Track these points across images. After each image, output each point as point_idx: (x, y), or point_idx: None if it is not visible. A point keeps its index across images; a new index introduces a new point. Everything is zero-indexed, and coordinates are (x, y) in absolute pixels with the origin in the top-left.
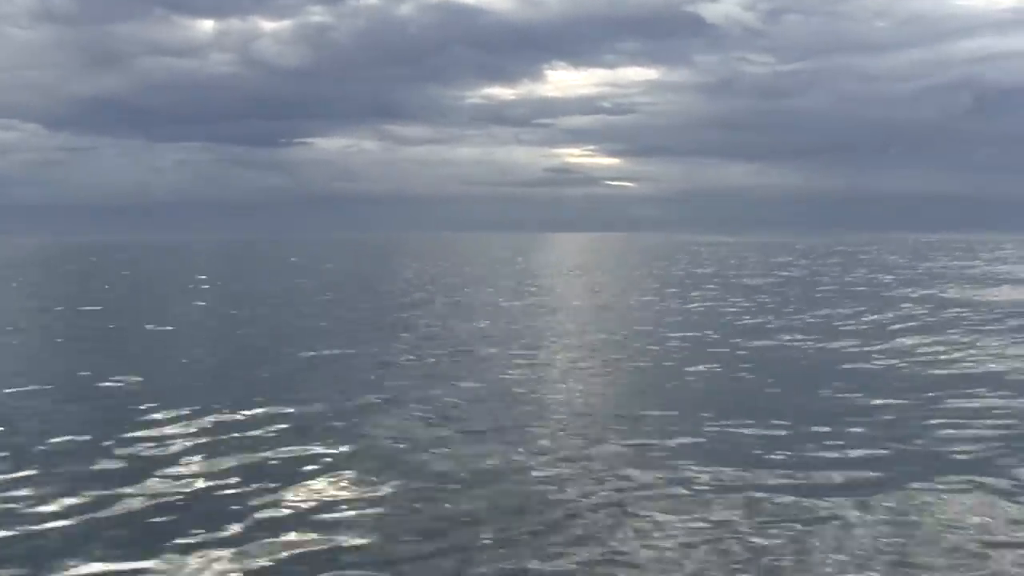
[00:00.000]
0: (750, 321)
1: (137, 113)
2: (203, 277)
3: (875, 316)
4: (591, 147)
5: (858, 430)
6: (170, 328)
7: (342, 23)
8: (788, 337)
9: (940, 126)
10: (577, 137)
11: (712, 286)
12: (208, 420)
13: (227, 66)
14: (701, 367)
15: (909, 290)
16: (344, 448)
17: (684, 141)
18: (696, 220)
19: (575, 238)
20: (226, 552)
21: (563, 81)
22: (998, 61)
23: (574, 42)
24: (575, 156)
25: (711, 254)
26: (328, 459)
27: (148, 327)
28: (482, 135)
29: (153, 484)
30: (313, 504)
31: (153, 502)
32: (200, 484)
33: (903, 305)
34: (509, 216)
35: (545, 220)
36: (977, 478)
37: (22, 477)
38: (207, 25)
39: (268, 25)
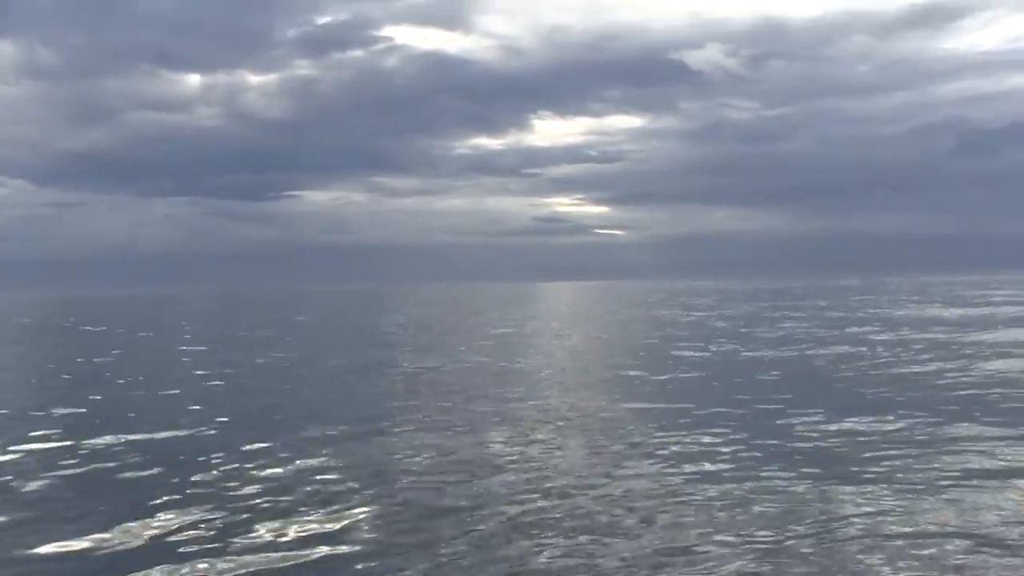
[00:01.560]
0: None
1: (125, 168)
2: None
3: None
4: (579, 195)
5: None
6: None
7: (328, 76)
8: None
9: (925, 167)
10: (565, 186)
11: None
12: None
13: (214, 120)
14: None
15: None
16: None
17: (671, 187)
18: (685, 265)
19: (565, 287)
20: None
21: (550, 130)
22: (982, 102)
23: (560, 91)
24: (564, 205)
25: (670, 299)
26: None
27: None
28: (471, 185)
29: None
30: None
31: None
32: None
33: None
34: (500, 266)
35: (536, 269)
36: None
37: None
38: (194, 79)
39: (254, 79)
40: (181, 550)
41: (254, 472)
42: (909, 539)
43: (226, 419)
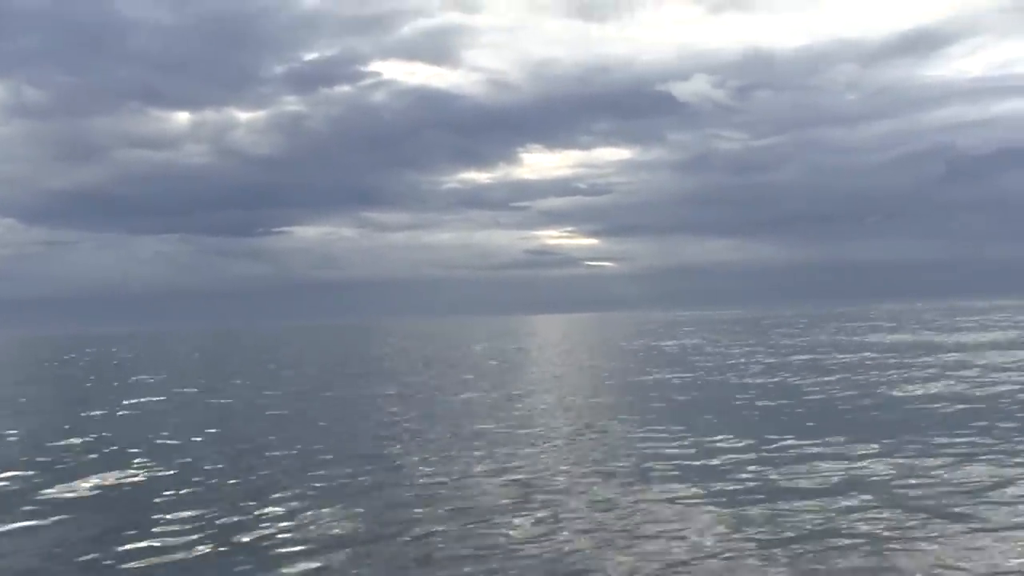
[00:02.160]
0: None
1: (114, 205)
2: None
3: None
4: (569, 228)
5: None
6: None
7: (316, 111)
8: None
9: (915, 194)
10: (555, 218)
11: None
12: None
13: (203, 157)
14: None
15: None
16: None
17: (661, 219)
18: (676, 296)
19: (556, 319)
20: None
21: (539, 163)
22: (969, 129)
23: (548, 124)
24: (554, 237)
25: (654, 328)
26: None
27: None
28: (460, 219)
29: None
30: None
31: None
32: None
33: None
34: (491, 299)
35: (527, 302)
36: None
37: None
38: (182, 117)
39: (243, 115)
40: None
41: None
42: None
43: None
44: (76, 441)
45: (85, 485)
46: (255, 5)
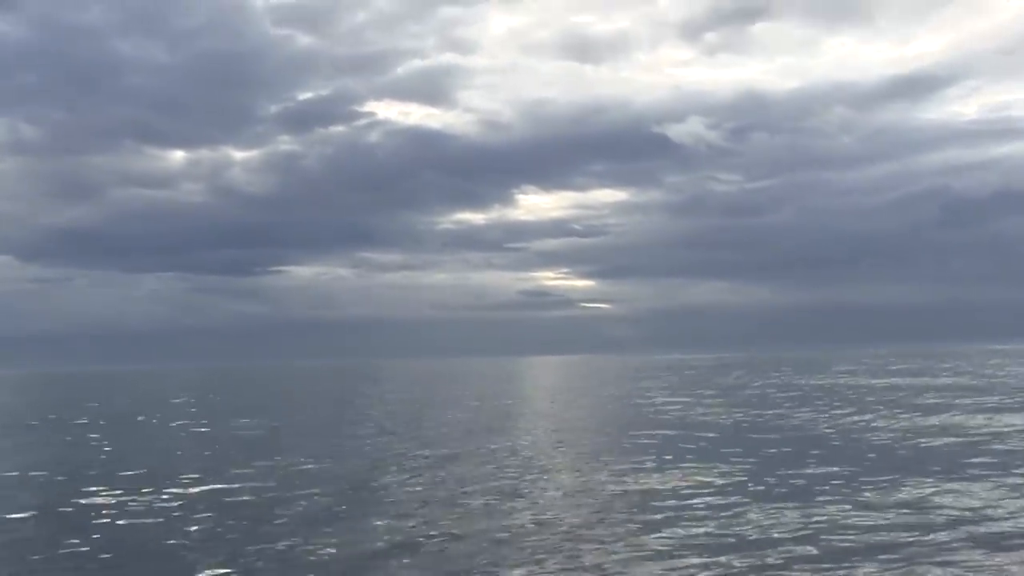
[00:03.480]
0: None
1: (110, 243)
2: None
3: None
4: (565, 269)
5: None
6: None
7: (311, 151)
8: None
9: (911, 237)
10: (550, 260)
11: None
12: None
13: (199, 196)
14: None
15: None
16: None
17: (656, 261)
18: (672, 339)
19: (551, 361)
20: None
21: (534, 204)
22: (965, 172)
23: (543, 165)
24: (550, 279)
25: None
26: None
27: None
28: (456, 260)
29: None
30: None
31: None
32: None
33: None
34: (487, 340)
35: (522, 343)
36: None
37: None
38: (177, 155)
39: (238, 154)
40: None
41: None
42: None
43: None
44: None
45: None
46: (249, 45)
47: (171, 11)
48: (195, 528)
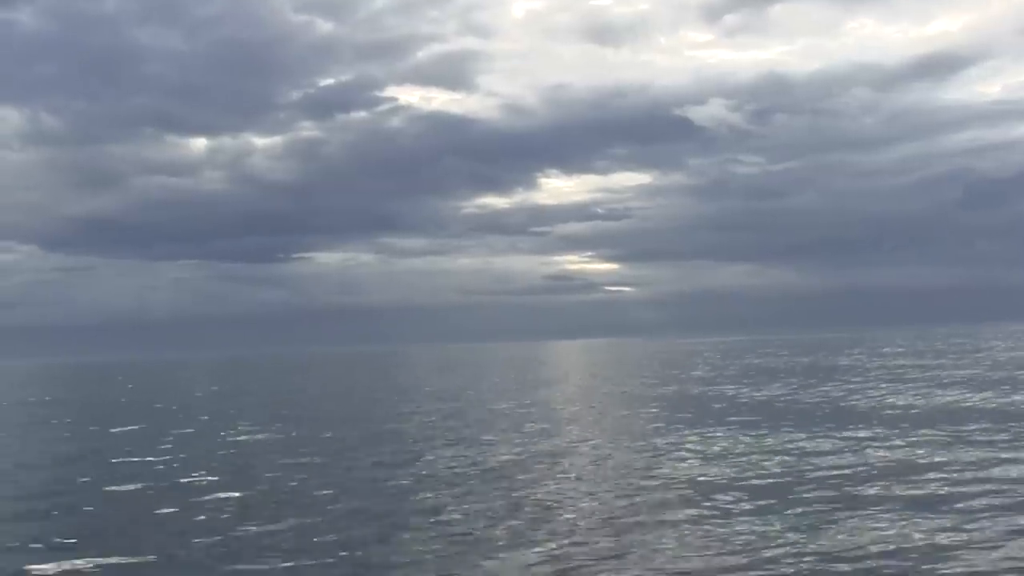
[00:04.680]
0: None
1: (132, 232)
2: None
3: None
4: (589, 253)
5: None
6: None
7: (333, 137)
8: None
9: (933, 219)
10: (574, 244)
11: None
12: None
13: (221, 183)
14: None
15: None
16: None
17: (680, 244)
18: (696, 322)
19: (576, 345)
20: None
21: (557, 188)
22: (987, 152)
23: (565, 149)
24: (573, 263)
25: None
26: None
27: None
28: (479, 245)
29: None
30: None
31: None
32: None
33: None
34: (510, 325)
35: (546, 328)
36: None
37: None
38: (199, 143)
39: (259, 141)
40: None
41: None
42: None
43: None
44: None
45: None
46: (269, 31)
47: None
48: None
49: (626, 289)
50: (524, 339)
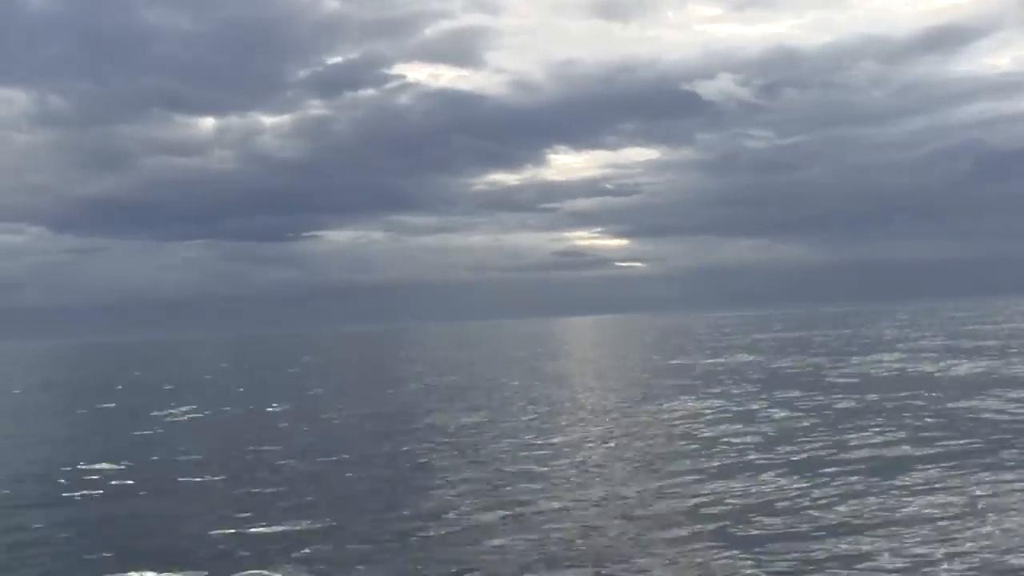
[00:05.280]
0: None
1: (142, 212)
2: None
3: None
4: (599, 229)
5: None
6: None
7: (341, 115)
8: None
9: (944, 192)
10: (584, 220)
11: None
12: None
13: (230, 163)
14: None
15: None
16: None
17: (690, 219)
18: (707, 297)
19: (587, 322)
20: None
21: (566, 164)
22: (999, 125)
23: (574, 125)
24: (583, 239)
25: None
26: None
27: None
28: (489, 221)
29: None
30: None
31: None
32: None
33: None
34: (521, 302)
35: (557, 304)
36: None
37: None
38: (207, 123)
39: (268, 120)
40: None
41: None
42: None
43: None
44: None
45: None
46: (276, 10)
47: None
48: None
49: (636, 264)
50: (534, 316)
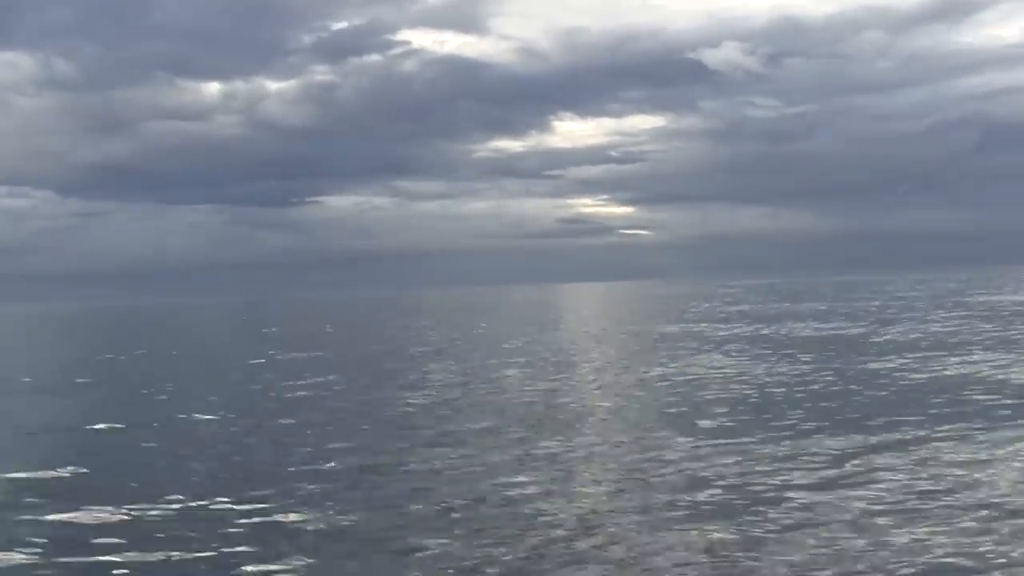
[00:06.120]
0: None
1: (147, 177)
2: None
3: None
4: (604, 196)
5: None
6: None
7: (347, 81)
8: None
9: (948, 163)
10: (588, 187)
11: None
12: None
13: (234, 128)
14: None
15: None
16: None
17: (695, 187)
18: (711, 265)
19: (591, 288)
20: None
21: (571, 131)
22: (1004, 96)
23: (579, 93)
24: (588, 206)
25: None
26: None
27: None
28: (493, 188)
29: None
30: None
31: None
32: None
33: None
34: (525, 269)
35: (561, 271)
36: None
37: None
38: (212, 88)
39: (273, 85)
40: None
41: None
42: None
43: None
44: None
45: None
46: None
47: None
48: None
49: (641, 232)
50: (539, 282)
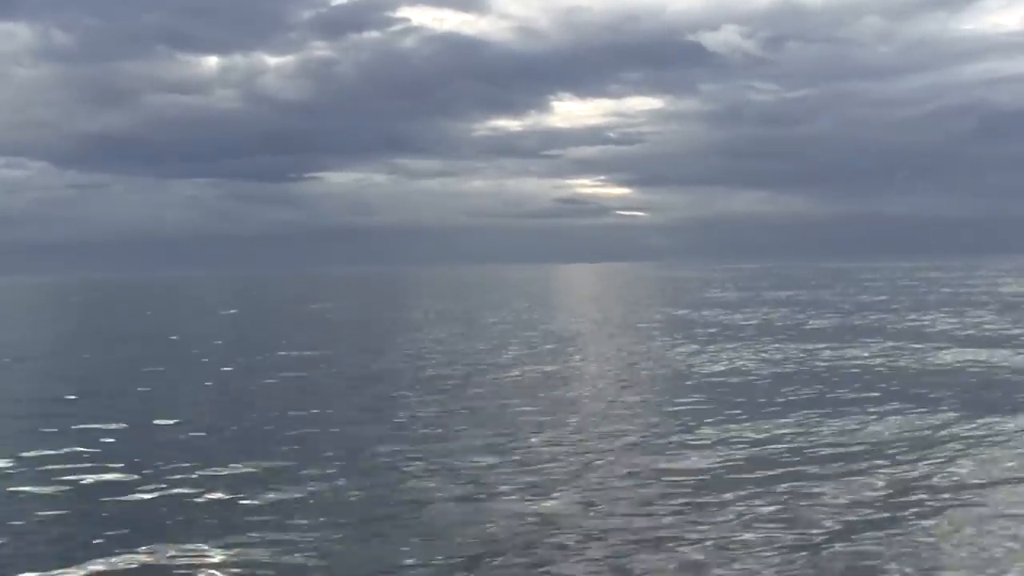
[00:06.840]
0: None
1: (145, 150)
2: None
3: None
4: (601, 177)
5: None
6: None
7: (346, 57)
8: None
9: (947, 150)
10: (586, 167)
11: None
12: None
13: (233, 102)
14: None
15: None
16: None
17: (693, 170)
18: (708, 248)
19: (587, 269)
20: None
21: (569, 112)
22: (1004, 84)
23: (578, 73)
24: (586, 186)
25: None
26: None
27: None
28: (492, 167)
29: None
30: None
31: None
32: None
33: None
34: (522, 248)
35: (558, 251)
36: None
37: None
38: (211, 61)
39: (272, 60)
40: None
41: None
42: None
43: None
44: None
45: None
46: None
47: None
48: None
49: (638, 214)
50: (535, 262)
